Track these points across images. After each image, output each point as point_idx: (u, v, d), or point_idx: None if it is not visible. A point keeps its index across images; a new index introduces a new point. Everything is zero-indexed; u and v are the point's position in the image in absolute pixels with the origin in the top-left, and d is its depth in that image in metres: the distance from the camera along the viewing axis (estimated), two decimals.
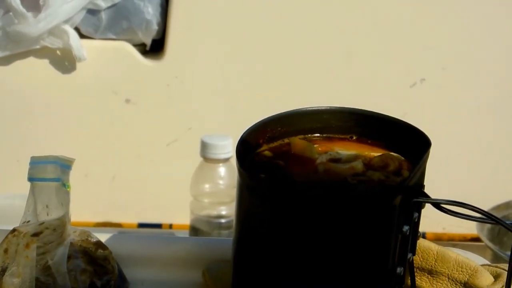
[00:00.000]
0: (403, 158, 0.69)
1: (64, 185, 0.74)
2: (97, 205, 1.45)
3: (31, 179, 0.76)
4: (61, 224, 0.73)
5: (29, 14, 1.33)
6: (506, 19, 1.45)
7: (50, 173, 0.75)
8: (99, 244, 0.78)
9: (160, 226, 1.47)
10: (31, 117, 1.43)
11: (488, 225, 1.34)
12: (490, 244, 1.30)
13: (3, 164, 1.44)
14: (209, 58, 1.44)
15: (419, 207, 0.66)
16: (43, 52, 1.39)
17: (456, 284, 0.74)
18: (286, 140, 0.72)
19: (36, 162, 0.76)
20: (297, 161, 0.69)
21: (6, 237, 0.74)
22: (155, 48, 1.45)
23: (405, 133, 0.70)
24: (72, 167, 0.76)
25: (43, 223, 0.73)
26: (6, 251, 0.73)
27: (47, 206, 0.74)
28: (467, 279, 0.74)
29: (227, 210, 1.26)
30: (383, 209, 0.63)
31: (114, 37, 1.42)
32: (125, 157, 1.46)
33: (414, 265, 0.71)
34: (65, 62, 1.40)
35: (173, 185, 1.44)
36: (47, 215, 0.74)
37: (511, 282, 0.67)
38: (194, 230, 1.28)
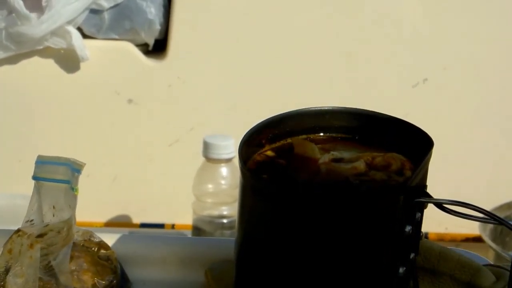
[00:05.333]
0: (405, 158, 0.69)
1: (72, 188, 0.74)
2: (99, 205, 1.45)
3: (38, 178, 0.75)
4: (66, 227, 0.73)
5: (32, 15, 1.33)
6: (507, 19, 1.45)
7: (61, 175, 0.74)
8: (101, 244, 0.78)
9: (162, 226, 1.47)
10: (33, 117, 1.43)
11: (491, 225, 1.34)
12: (492, 244, 1.30)
13: (5, 164, 1.44)
14: (211, 58, 1.44)
15: (422, 207, 0.66)
16: (46, 52, 1.39)
17: (458, 284, 0.74)
18: (288, 140, 0.72)
19: (45, 162, 0.75)
20: (299, 161, 0.69)
21: (11, 237, 0.74)
22: (157, 48, 1.45)
23: (408, 133, 0.70)
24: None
25: (47, 225, 0.73)
26: (10, 251, 0.73)
27: (53, 207, 0.74)
28: (470, 279, 0.74)
29: (230, 210, 1.27)
30: (386, 209, 0.63)
31: (116, 37, 1.42)
32: (127, 157, 1.46)
33: (417, 265, 0.71)
34: (68, 62, 1.40)
35: (176, 185, 1.44)
36: (53, 216, 0.74)
37: None
38: (197, 230, 1.28)
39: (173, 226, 1.47)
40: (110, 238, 0.80)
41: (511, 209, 1.41)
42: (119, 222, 1.47)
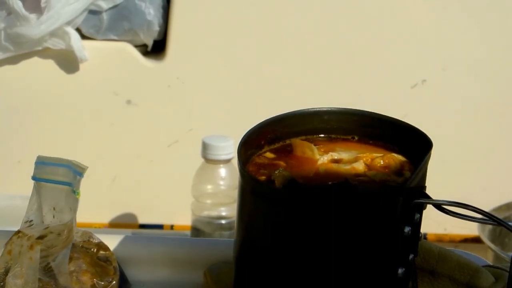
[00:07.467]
0: (404, 159, 0.69)
1: (74, 191, 0.74)
2: (98, 206, 1.45)
3: (38, 178, 0.75)
4: (67, 229, 0.73)
5: (31, 16, 1.33)
6: (506, 20, 1.45)
7: (61, 176, 0.74)
8: (100, 245, 0.78)
9: (161, 227, 1.47)
10: (32, 118, 1.43)
11: (490, 226, 1.34)
12: (491, 245, 1.30)
13: (4, 165, 1.44)
14: (210, 59, 1.44)
15: (421, 208, 0.66)
16: (45, 53, 1.39)
17: (457, 285, 0.75)
18: (287, 141, 0.72)
19: (44, 163, 0.75)
20: (298, 162, 0.69)
21: (11, 238, 0.74)
22: (156, 49, 1.45)
23: (407, 134, 0.70)
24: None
25: (48, 227, 0.73)
26: (10, 252, 0.73)
27: (54, 209, 0.74)
28: (469, 280, 0.74)
29: (228, 211, 1.26)
30: (385, 210, 0.63)
31: (115, 38, 1.42)
32: (126, 158, 1.46)
33: (416, 266, 0.71)
34: (66, 63, 1.40)
35: (174, 186, 1.44)
36: (53, 217, 0.74)
37: None
38: (196, 231, 1.28)
39: (172, 227, 1.47)
40: (109, 239, 0.80)
41: (510, 210, 1.41)
42: (118, 223, 1.47)
